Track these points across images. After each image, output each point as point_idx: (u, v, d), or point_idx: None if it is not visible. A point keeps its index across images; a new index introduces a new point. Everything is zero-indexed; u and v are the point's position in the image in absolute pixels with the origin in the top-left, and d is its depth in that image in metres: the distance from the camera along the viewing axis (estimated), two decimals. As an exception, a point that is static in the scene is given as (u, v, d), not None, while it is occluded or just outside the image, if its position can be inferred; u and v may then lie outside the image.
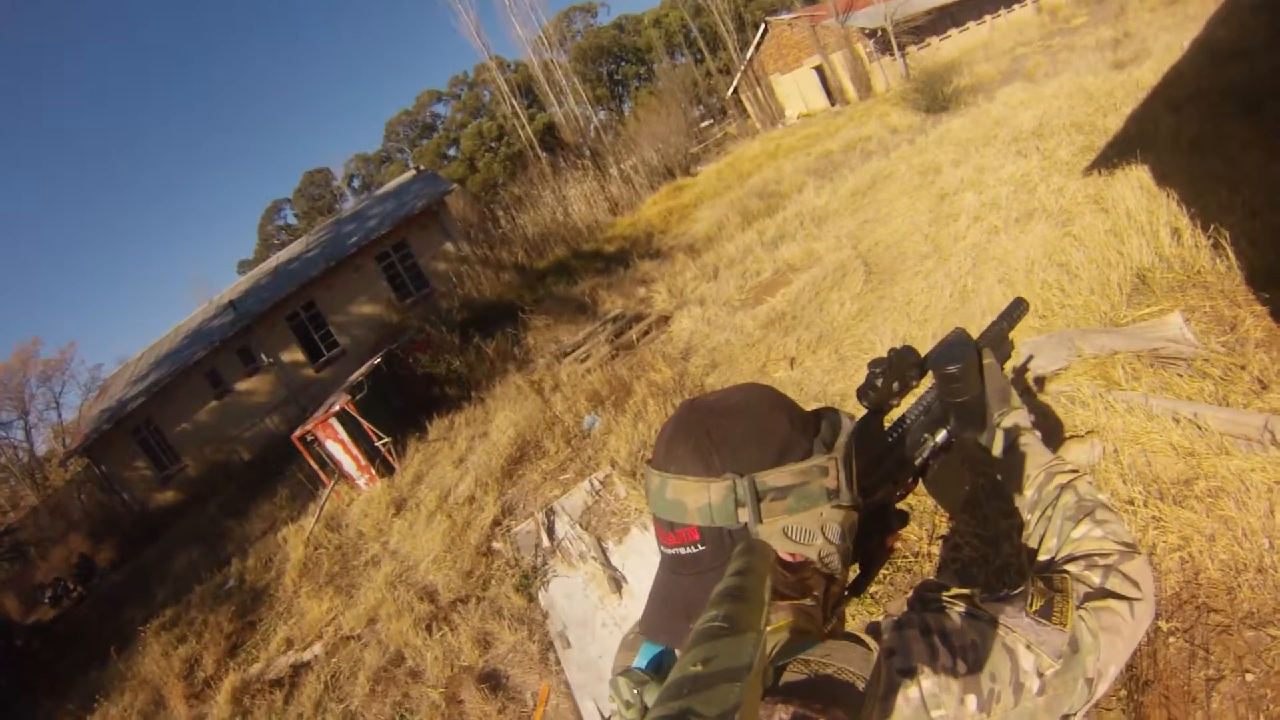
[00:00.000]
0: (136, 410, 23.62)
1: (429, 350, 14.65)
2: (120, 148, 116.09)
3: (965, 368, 1.32)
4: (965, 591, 1.04)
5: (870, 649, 0.93)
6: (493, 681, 5.47)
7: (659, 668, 1.00)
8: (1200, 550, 3.42)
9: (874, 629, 1.02)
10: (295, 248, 31.06)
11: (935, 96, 19.37)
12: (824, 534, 1.04)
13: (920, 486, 1.45)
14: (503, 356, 13.53)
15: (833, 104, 35.36)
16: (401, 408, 13.28)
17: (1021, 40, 28.05)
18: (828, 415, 1.13)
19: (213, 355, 23.74)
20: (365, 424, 11.93)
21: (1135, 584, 1.09)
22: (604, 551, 6.05)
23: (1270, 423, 3.72)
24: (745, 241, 13.76)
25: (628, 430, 7.83)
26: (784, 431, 1.04)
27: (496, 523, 7.92)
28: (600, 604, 5.51)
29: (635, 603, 5.29)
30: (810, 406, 1.16)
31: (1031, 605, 1.03)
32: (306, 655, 7.71)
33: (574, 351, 11.83)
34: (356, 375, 14.13)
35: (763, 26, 40.15)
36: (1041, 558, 1.24)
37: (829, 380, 6.91)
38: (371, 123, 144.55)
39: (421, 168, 34.38)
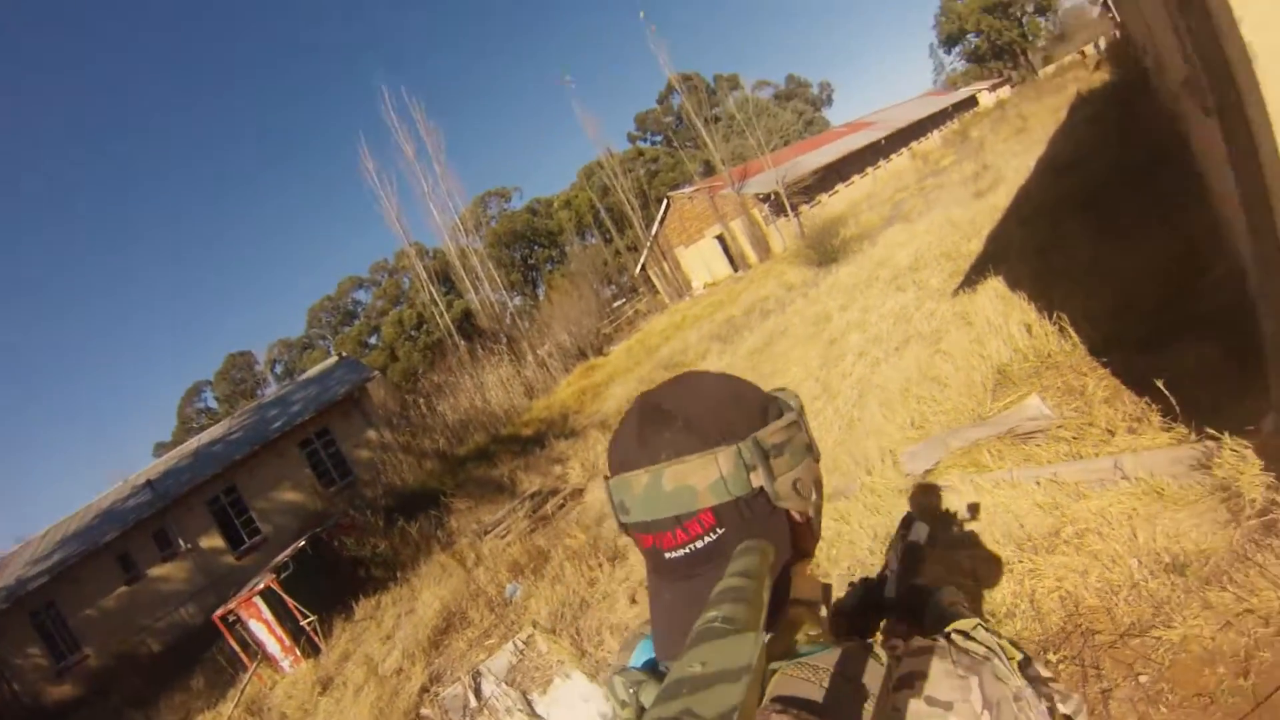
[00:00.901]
0: (36, 591, 22.78)
1: (354, 534, 14.89)
2: (33, 318, 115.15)
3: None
4: (1009, 646, 1.01)
5: (883, 664, 0.87)
6: None
7: (655, 667, 1.01)
8: (1075, 585, 3.92)
9: (890, 646, 0.95)
10: (217, 430, 31.14)
11: (825, 250, 21.06)
12: (815, 488, 1.04)
13: None
14: (427, 539, 13.91)
15: (735, 269, 37.71)
16: (327, 590, 13.41)
17: (900, 186, 30.57)
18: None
19: (125, 537, 23.32)
20: (290, 602, 12.11)
21: None
22: (530, 704, 6.53)
23: (1118, 461, 4.42)
24: None
25: (547, 592, 8.39)
26: (752, 394, 1.06)
27: (425, 689, 8.25)
28: (527, 752, 5.97)
29: None
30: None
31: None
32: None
33: (494, 529, 12.34)
34: (281, 557, 14.28)
35: (665, 201, 42.62)
36: None
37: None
38: (295, 307, 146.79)
39: (343, 355, 35.25)
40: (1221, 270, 5.64)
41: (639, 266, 46.64)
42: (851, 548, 5.52)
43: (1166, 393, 4.52)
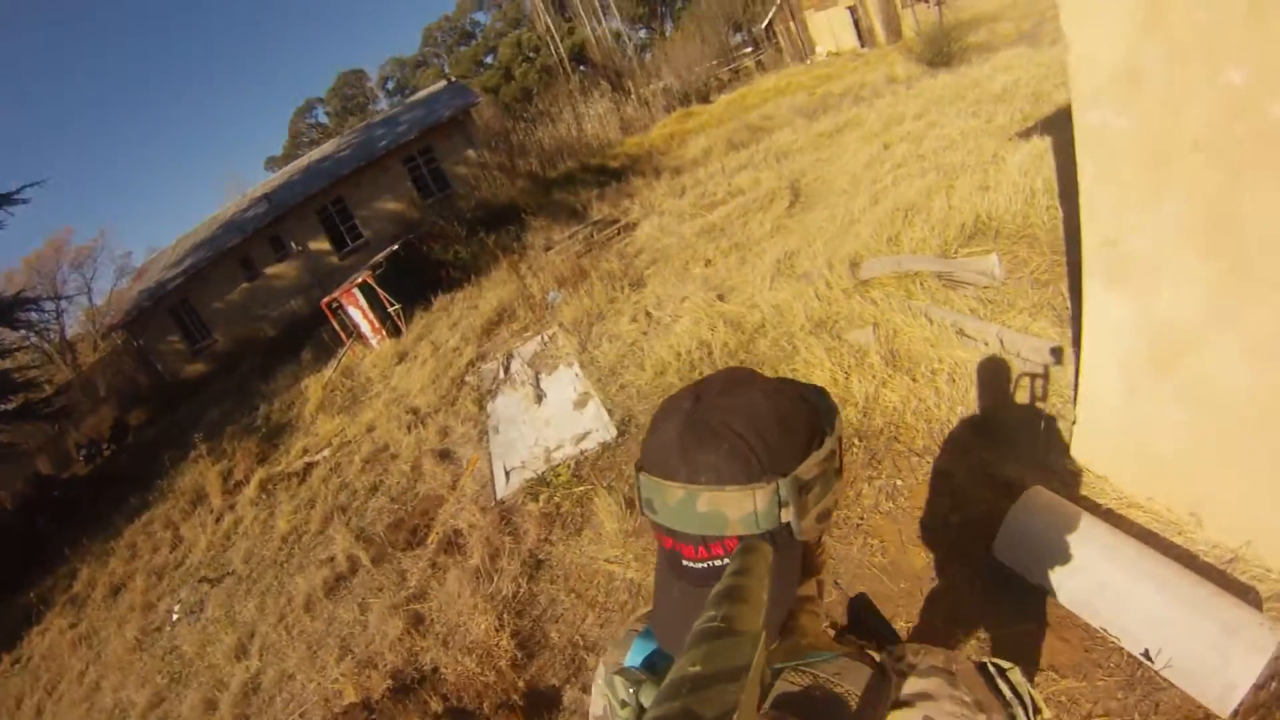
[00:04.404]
0: (173, 290, 25.60)
1: (441, 241, 16.58)
2: (153, 40, 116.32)
3: None
4: (1041, 703, 0.98)
5: (886, 678, 0.88)
6: (445, 455, 7.70)
7: (653, 666, 1.02)
8: (906, 404, 4.85)
9: (897, 658, 0.95)
10: (327, 147, 32.64)
11: (939, 51, 20.35)
12: (835, 510, 1.02)
13: None
14: (503, 249, 15.13)
15: (862, 45, 34.75)
16: (413, 287, 15.08)
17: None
18: (816, 393, 1.08)
19: (246, 243, 25.56)
20: (381, 293, 14.10)
21: None
22: (537, 379, 8.17)
23: (1000, 332, 5.11)
24: (716, 168, 15.43)
25: (576, 303, 9.81)
26: (805, 420, 0.99)
27: (471, 364, 10.05)
28: (525, 410, 7.68)
29: (550, 409, 7.48)
30: (724, 304, 1.41)
31: None
32: (317, 457, 9.93)
33: (556, 246, 13.80)
34: (378, 257, 16.24)
35: None
36: None
37: (729, 275, 8.62)
38: (410, 27, 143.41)
39: (453, 79, 35.71)
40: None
41: (766, 21, 43.53)
42: (788, 324, 6.58)
43: (1066, 295, 5.22)
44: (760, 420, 0.94)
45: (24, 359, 29.45)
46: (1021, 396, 4.56)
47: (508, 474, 6.60)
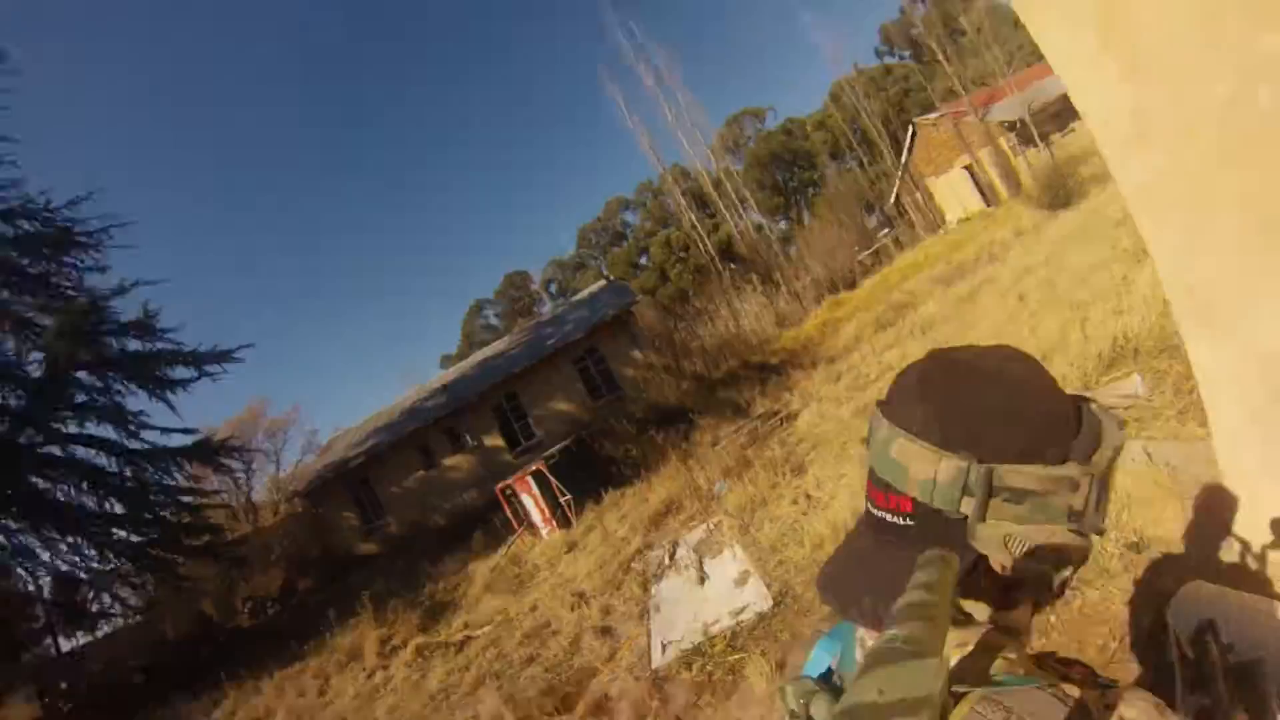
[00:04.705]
0: (355, 468, 27.03)
1: (612, 439, 17.25)
2: (336, 247, 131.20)
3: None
4: None
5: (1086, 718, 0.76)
6: (605, 631, 7.81)
7: (829, 679, 1.00)
8: None
9: (1107, 706, 0.80)
10: (499, 345, 34.57)
11: (1056, 193, 20.40)
12: (1038, 555, 0.86)
13: None
14: (671, 447, 15.61)
15: (987, 204, 34.70)
16: (584, 480, 15.43)
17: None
18: (1089, 413, 0.93)
19: (424, 431, 26.91)
20: (554, 482, 14.54)
21: None
22: (701, 562, 8.25)
23: (1146, 446, 4.92)
24: (867, 350, 15.87)
25: (740, 491, 9.95)
26: (1041, 421, 0.88)
27: (638, 551, 10.22)
28: (689, 591, 7.71)
29: (711, 588, 7.51)
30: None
31: None
32: (478, 633, 10.14)
33: (721, 442, 14.08)
34: (552, 450, 16.81)
35: (911, 129, 40.08)
36: None
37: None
38: (567, 227, 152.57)
39: (611, 278, 37.68)
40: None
41: (893, 196, 44.13)
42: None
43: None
44: (989, 397, 0.88)
45: (212, 504, 31.53)
46: (1173, 507, 4.20)
47: (664, 646, 6.62)
